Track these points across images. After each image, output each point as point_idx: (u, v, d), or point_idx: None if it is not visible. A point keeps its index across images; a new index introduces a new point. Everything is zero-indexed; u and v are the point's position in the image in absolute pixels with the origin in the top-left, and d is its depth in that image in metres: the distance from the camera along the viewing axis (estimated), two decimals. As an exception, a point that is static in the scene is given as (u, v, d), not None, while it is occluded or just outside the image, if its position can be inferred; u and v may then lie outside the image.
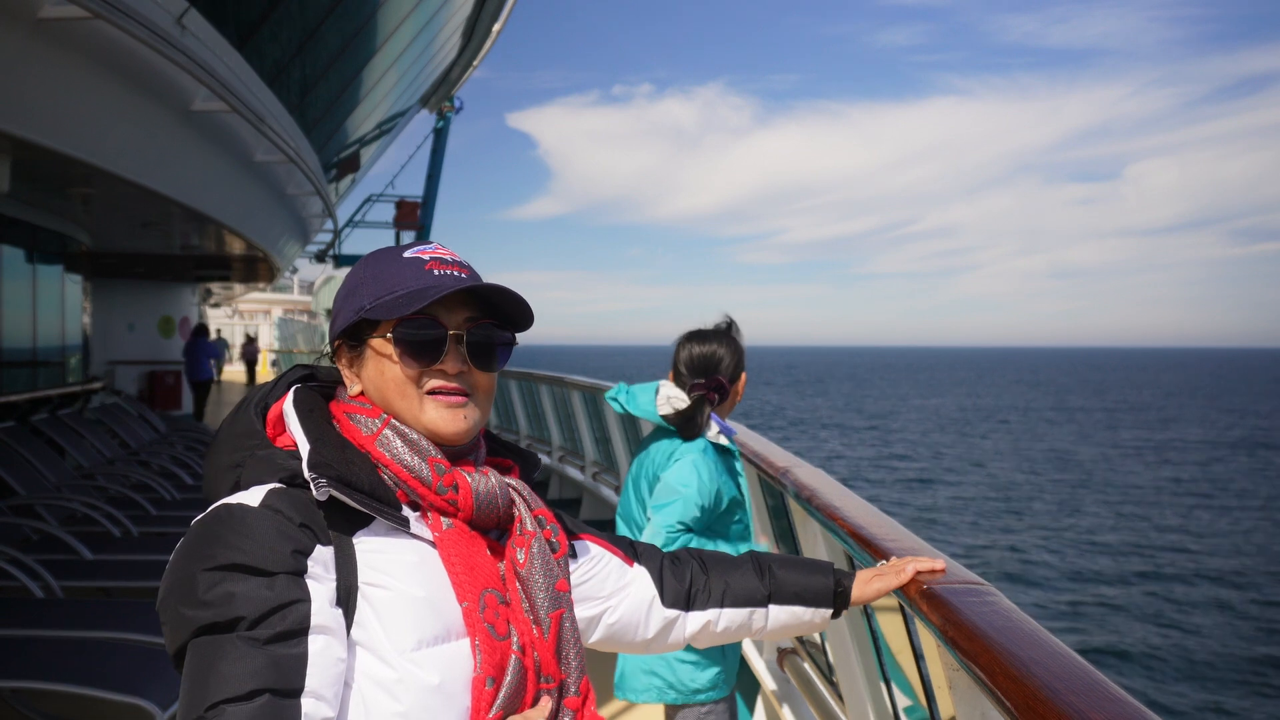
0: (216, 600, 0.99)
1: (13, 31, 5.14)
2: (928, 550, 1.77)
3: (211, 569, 1.01)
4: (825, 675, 3.46)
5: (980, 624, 1.32)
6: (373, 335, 1.20)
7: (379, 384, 1.20)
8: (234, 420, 1.19)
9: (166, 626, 1.03)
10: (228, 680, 0.96)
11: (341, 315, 1.22)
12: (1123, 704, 1.04)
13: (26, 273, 11.00)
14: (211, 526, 1.05)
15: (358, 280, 1.22)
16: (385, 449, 1.16)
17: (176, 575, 1.03)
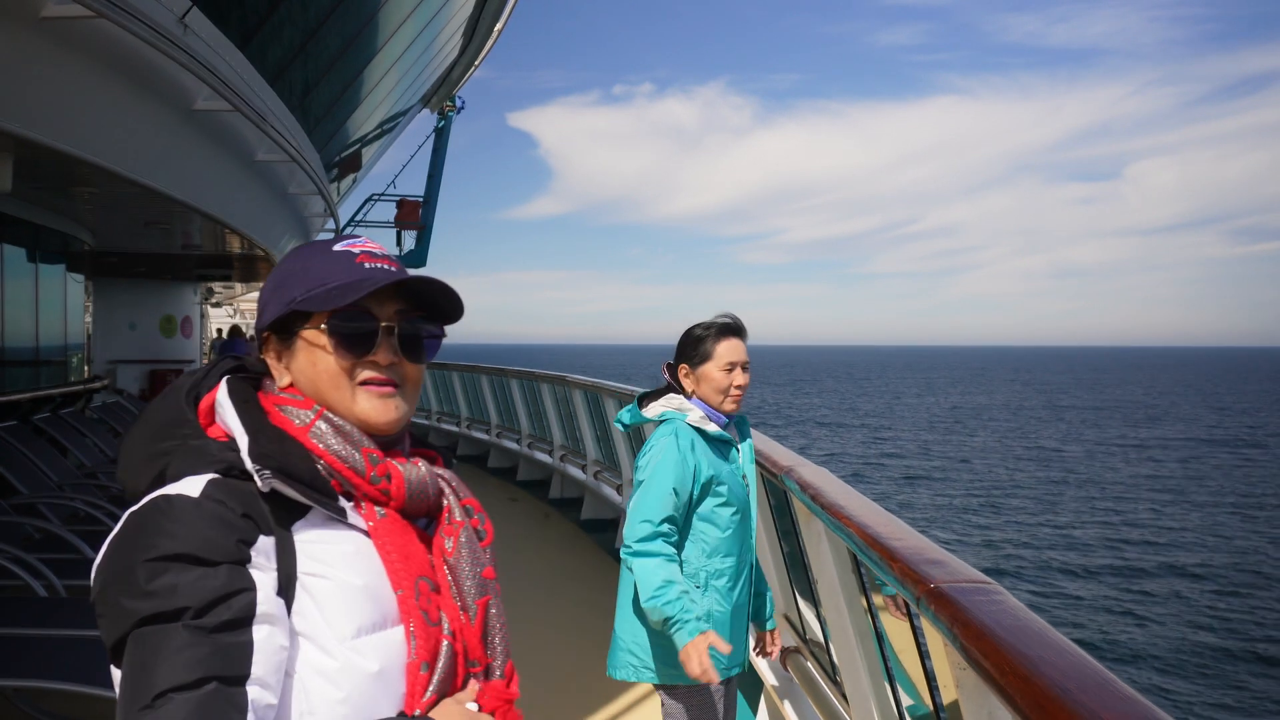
0: (160, 590, 0.99)
1: (15, 30, 5.14)
2: (933, 549, 1.77)
3: (153, 559, 1.01)
4: (829, 674, 3.46)
5: (989, 623, 1.32)
6: (305, 327, 1.20)
7: (311, 375, 1.20)
8: (162, 408, 1.17)
9: (104, 620, 1.02)
10: (174, 669, 0.96)
11: (270, 307, 1.22)
12: (1133, 703, 1.03)
13: (29, 272, 11.00)
14: (151, 517, 1.05)
15: (287, 273, 1.23)
16: (319, 440, 1.16)
17: (115, 566, 1.03)
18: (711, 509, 2.81)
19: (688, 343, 2.89)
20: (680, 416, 2.83)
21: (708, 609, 2.77)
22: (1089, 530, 23.42)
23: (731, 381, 2.83)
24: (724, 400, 2.84)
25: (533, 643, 5.59)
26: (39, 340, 11.28)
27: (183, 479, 1.09)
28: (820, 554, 2.96)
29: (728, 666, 2.83)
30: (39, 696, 4.20)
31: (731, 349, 2.85)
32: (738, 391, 2.85)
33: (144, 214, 10.32)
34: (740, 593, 2.86)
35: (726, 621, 2.81)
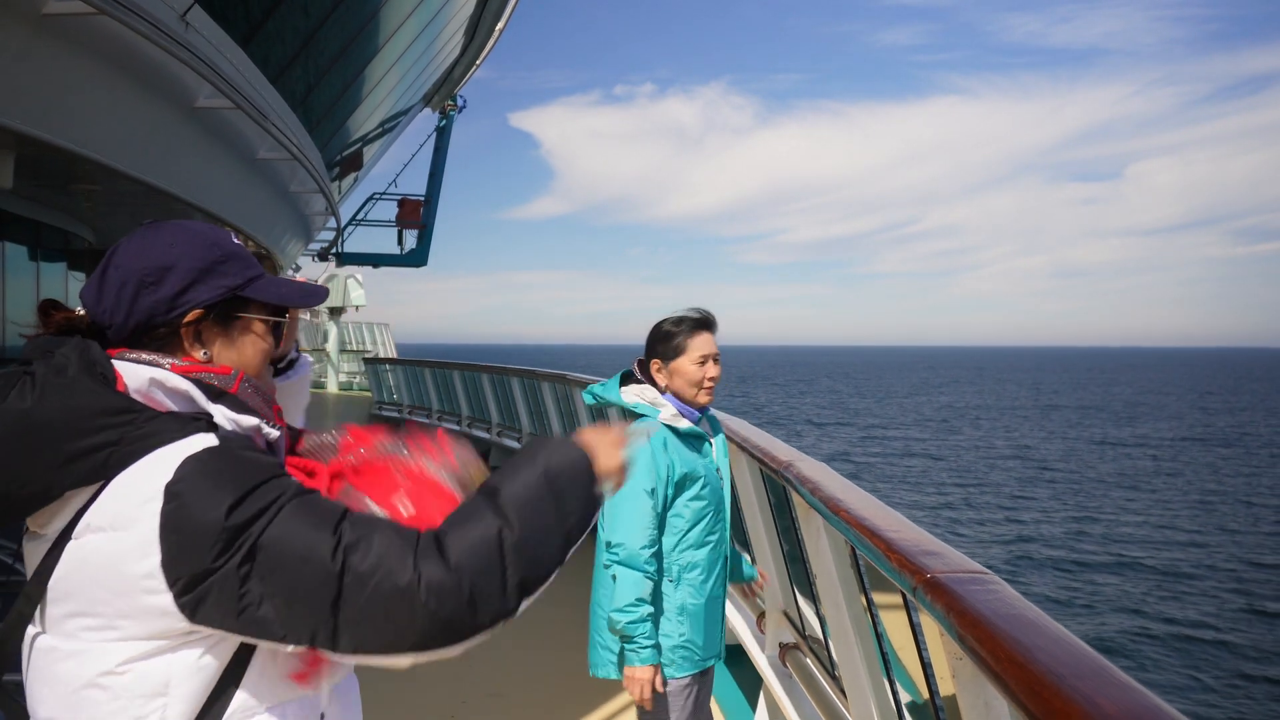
0: (276, 488, 1.14)
1: (17, 27, 5.15)
2: (930, 540, 1.78)
3: (259, 480, 1.13)
4: (827, 670, 3.47)
5: (985, 612, 1.32)
6: (248, 314, 1.33)
7: (248, 354, 1.34)
8: (65, 400, 1.12)
9: (225, 536, 1.09)
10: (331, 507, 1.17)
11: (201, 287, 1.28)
12: (1128, 689, 1.04)
13: (30, 270, 11.01)
14: (217, 461, 1.13)
15: (211, 256, 1.30)
16: (244, 397, 1.29)
17: (227, 496, 1.10)
18: (685, 503, 2.82)
19: (659, 337, 2.89)
20: (654, 413, 2.83)
21: (681, 602, 2.79)
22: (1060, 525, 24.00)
23: (705, 374, 2.83)
24: (698, 393, 2.84)
25: (525, 642, 5.59)
26: (40, 338, 11.31)
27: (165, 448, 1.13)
28: (819, 549, 2.96)
29: (704, 659, 2.84)
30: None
31: (703, 342, 2.85)
32: (710, 384, 2.85)
33: (145, 212, 10.33)
34: (715, 585, 2.87)
35: (701, 614, 2.82)
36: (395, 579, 1.10)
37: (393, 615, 1.11)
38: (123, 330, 1.26)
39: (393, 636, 1.12)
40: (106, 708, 1.14)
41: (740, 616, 4.82)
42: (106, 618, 1.12)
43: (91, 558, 1.11)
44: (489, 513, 1.18)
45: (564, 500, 1.22)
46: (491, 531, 1.16)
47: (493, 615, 1.16)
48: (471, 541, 1.15)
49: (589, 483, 1.27)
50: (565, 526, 1.22)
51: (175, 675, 1.15)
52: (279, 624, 1.10)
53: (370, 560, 1.11)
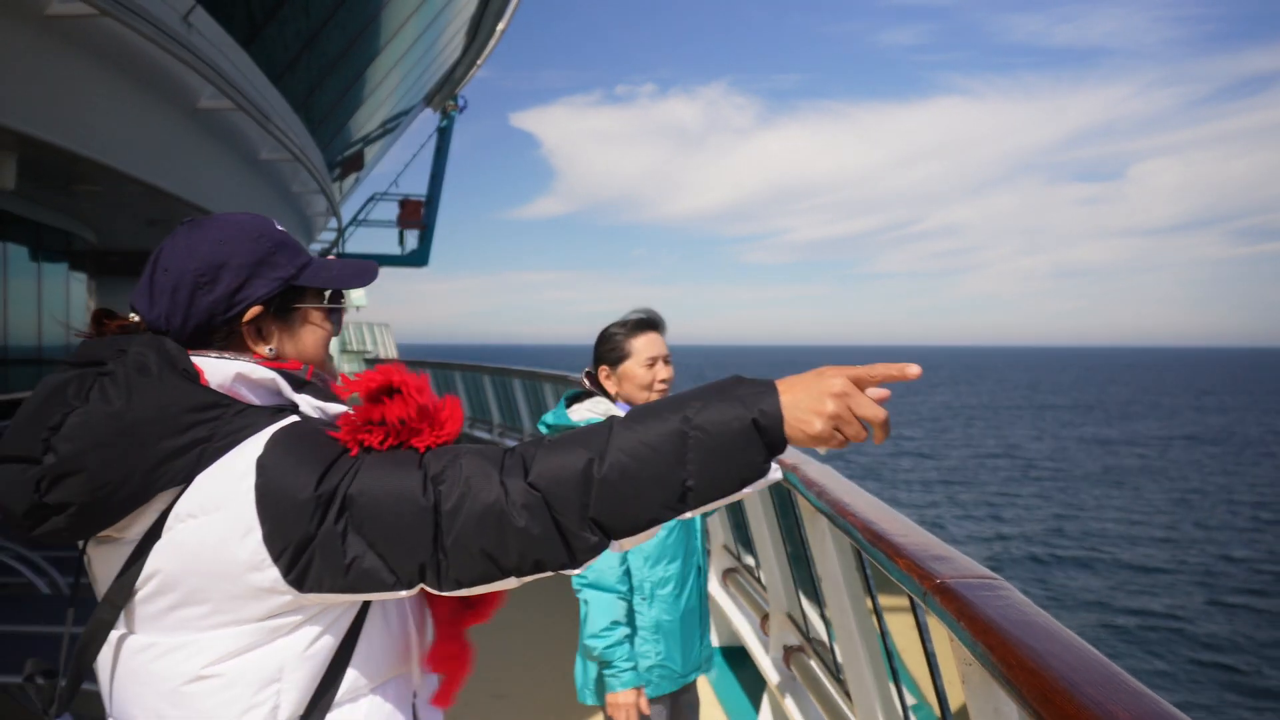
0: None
1: (21, 28, 5.15)
2: (939, 545, 1.77)
3: (343, 447, 1.14)
4: (832, 673, 3.46)
5: (996, 618, 1.32)
6: (305, 304, 1.31)
7: (311, 345, 1.32)
8: (158, 397, 1.10)
9: (320, 500, 1.09)
10: (409, 451, 1.15)
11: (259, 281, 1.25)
12: (1141, 696, 1.03)
13: (31, 271, 11.01)
14: (302, 433, 1.14)
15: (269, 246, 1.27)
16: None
17: (317, 463, 1.10)
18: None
19: (603, 343, 2.76)
20: None
21: (655, 619, 2.71)
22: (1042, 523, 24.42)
23: (655, 376, 2.70)
24: (649, 396, 2.72)
25: (531, 644, 5.58)
26: (41, 339, 11.29)
27: (255, 436, 1.13)
28: (824, 552, 2.96)
29: (682, 676, 2.77)
30: (42, 693, 4.21)
31: (650, 343, 2.72)
32: (663, 386, 2.72)
33: (147, 212, 10.34)
34: (689, 599, 2.79)
35: (676, 630, 2.75)
36: (484, 497, 1.08)
37: (487, 534, 1.08)
38: (181, 334, 1.22)
39: (492, 558, 1.09)
40: (215, 699, 1.12)
41: (744, 619, 4.81)
42: (213, 603, 1.10)
43: (190, 545, 1.09)
44: (595, 441, 1.11)
45: (689, 458, 1.09)
46: (580, 460, 1.09)
47: (576, 547, 1.10)
48: (556, 465, 1.10)
49: (739, 448, 1.09)
50: (679, 484, 1.09)
51: (288, 662, 1.14)
52: (387, 571, 1.10)
53: (460, 486, 1.09)
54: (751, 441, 1.09)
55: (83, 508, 1.08)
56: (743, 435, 1.08)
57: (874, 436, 1.11)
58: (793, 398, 1.10)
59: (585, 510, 1.09)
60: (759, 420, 1.08)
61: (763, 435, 1.09)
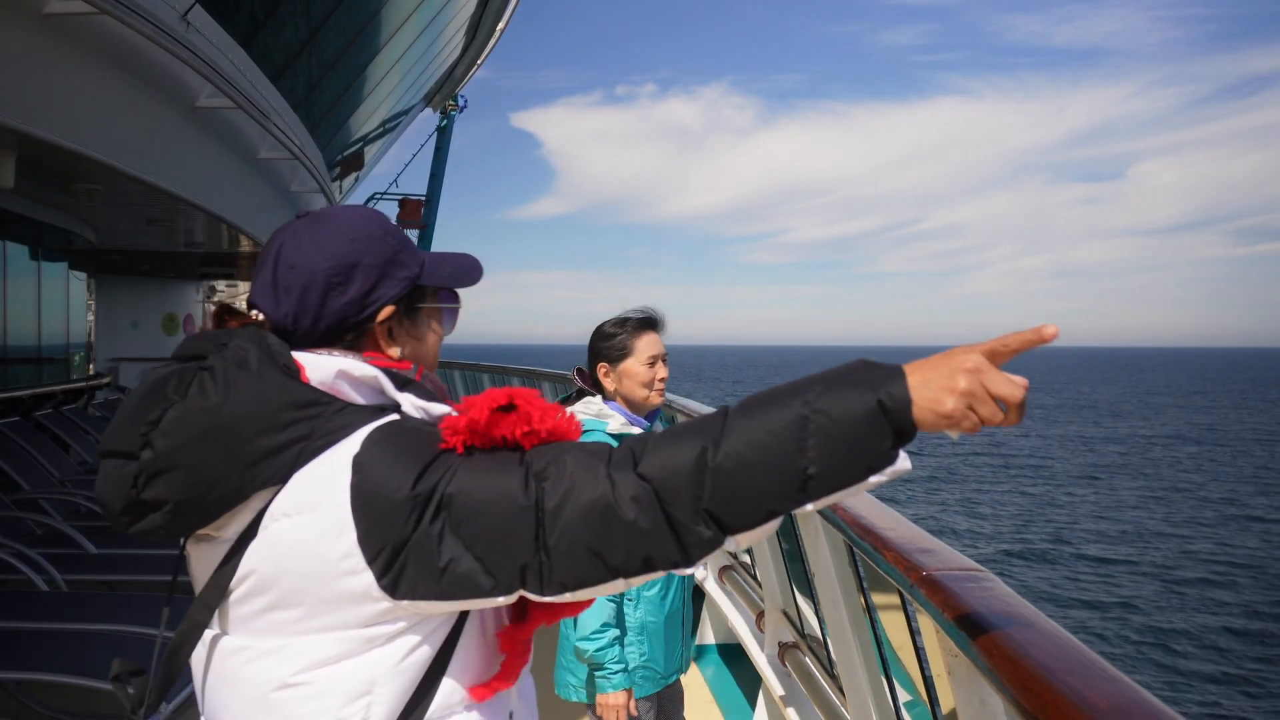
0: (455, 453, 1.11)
1: (18, 26, 5.16)
2: (926, 538, 1.79)
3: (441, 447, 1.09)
4: (826, 669, 3.48)
5: (979, 608, 1.33)
6: (425, 301, 1.29)
7: (430, 346, 1.32)
8: (258, 392, 1.07)
9: (417, 501, 1.04)
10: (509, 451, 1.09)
11: (390, 282, 1.23)
12: (1116, 682, 1.05)
13: (31, 269, 11.03)
14: (400, 431, 1.10)
15: (395, 245, 1.25)
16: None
17: (414, 462, 1.06)
18: None
19: (603, 340, 2.79)
20: (600, 426, 2.73)
21: (641, 621, 2.73)
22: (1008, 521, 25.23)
23: (655, 375, 2.74)
24: (649, 395, 2.75)
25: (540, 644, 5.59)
26: (41, 338, 11.31)
27: (354, 434, 1.08)
28: (818, 548, 2.97)
29: (665, 677, 2.79)
30: (39, 690, 4.22)
31: (651, 343, 2.76)
32: (661, 385, 2.77)
33: (146, 211, 10.35)
34: (673, 600, 2.81)
35: (660, 631, 2.77)
36: (589, 492, 1.02)
37: (593, 530, 1.02)
38: (312, 334, 1.20)
39: (600, 556, 1.03)
40: (302, 709, 1.09)
41: (740, 615, 4.83)
42: (307, 607, 1.07)
43: (284, 545, 1.06)
44: (709, 429, 1.04)
45: (809, 445, 1.00)
46: (693, 450, 1.02)
47: (688, 543, 1.03)
48: (666, 455, 1.03)
49: (864, 433, 1.00)
50: (799, 472, 1.01)
51: (380, 674, 1.10)
52: (485, 574, 1.04)
53: (564, 483, 1.03)
54: (878, 425, 1.00)
55: (179, 505, 1.06)
56: (868, 419, 1.00)
57: (1009, 417, 1.02)
58: (921, 377, 1.01)
59: (699, 502, 1.02)
60: (885, 402, 1.00)
61: (889, 419, 1.00)
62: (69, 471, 7.95)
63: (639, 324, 2.78)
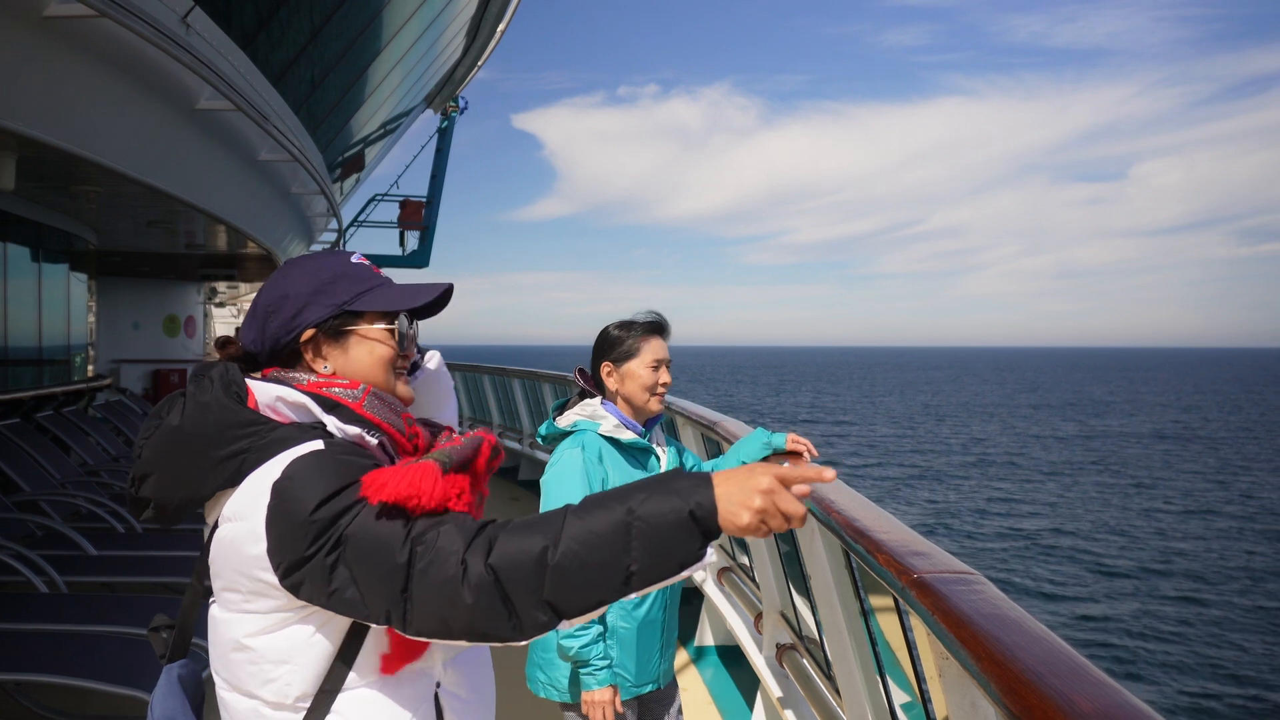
0: (350, 496, 1.30)
1: (18, 29, 5.17)
2: (919, 541, 1.79)
3: (347, 481, 1.29)
4: (823, 671, 3.48)
5: (969, 611, 1.34)
6: (360, 324, 1.48)
7: (368, 363, 1.49)
8: (209, 420, 1.34)
9: (315, 529, 1.25)
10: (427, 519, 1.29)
11: (313, 308, 1.47)
12: (1104, 687, 1.05)
13: (32, 271, 11.04)
14: (315, 463, 1.30)
15: (323, 279, 1.49)
16: (371, 409, 1.44)
17: (318, 493, 1.27)
18: None
19: (610, 340, 2.81)
20: (593, 426, 2.74)
21: (611, 625, 2.71)
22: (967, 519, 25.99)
23: (658, 379, 2.76)
24: (649, 399, 2.77)
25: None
26: (42, 339, 11.32)
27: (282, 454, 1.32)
28: (814, 550, 2.98)
29: (636, 685, 2.77)
30: (39, 691, 4.23)
31: (657, 347, 2.78)
32: (663, 389, 2.78)
33: (147, 213, 10.35)
34: (651, 609, 2.78)
35: (632, 638, 2.75)
36: (445, 570, 1.22)
37: (443, 602, 1.22)
38: (264, 355, 1.50)
39: (445, 621, 1.23)
40: (248, 669, 1.36)
41: (738, 617, 4.83)
42: (243, 591, 1.33)
43: (226, 542, 1.33)
44: (550, 528, 1.23)
45: (633, 546, 1.19)
46: (537, 547, 1.21)
47: (524, 624, 1.22)
48: (515, 549, 1.21)
49: (677, 537, 1.19)
50: (623, 569, 1.20)
51: (296, 647, 1.34)
52: (363, 605, 1.25)
53: (430, 554, 1.23)
54: (689, 531, 1.19)
55: (157, 502, 1.38)
56: (681, 526, 1.19)
57: (794, 524, 1.21)
58: (725, 490, 1.20)
59: (540, 593, 1.20)
60: (695, 511, 1.19)
61: (698, 524, 1.19)
62: (69, 473, 7.95)
63: (646, 328, 2.80)
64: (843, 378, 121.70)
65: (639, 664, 2.77)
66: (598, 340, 2.85)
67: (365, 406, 1.44)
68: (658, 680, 2.85)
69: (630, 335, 2.79)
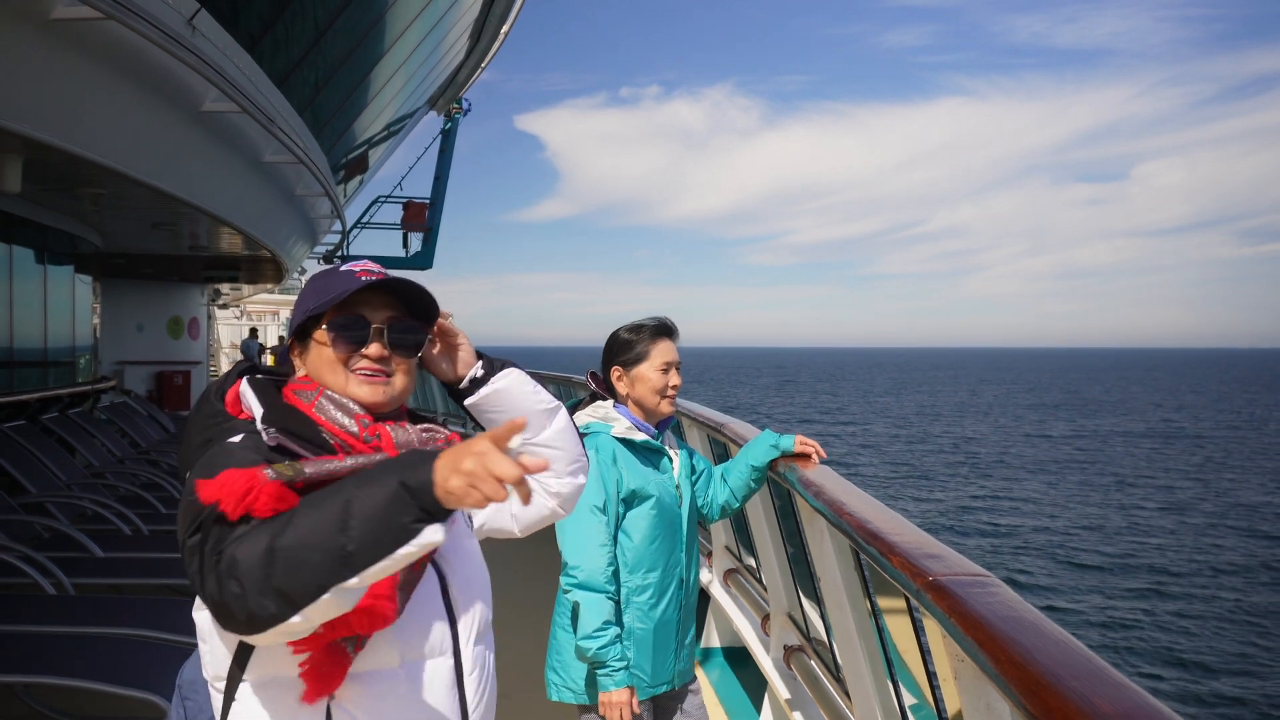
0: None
1: (25, 32, 5.18)
2: (932, 543, 1.79)
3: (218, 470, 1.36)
4: (832, 673, 3.48)
5: (986, 614, 1.34)
6: (315, 329, 1.56)
7: (317, 364, 1.56)
8: (201, 407, 1.55)
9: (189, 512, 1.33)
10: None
11: (294, 318, 1.60)
12: (1123, 688, 1.05)
13: (37, 273, 11.06)
14: (210, 457, 1.40)
15: (308, 292, 1.60)
16: (321, 412, 1.50)
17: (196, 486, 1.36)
18: (634, 522, 2.74)
19: (620, 344, 2.84)
20: (605, 428, 2.76)
21: (628, 625, 2.72)
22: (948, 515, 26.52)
23: (668, 382, 2.78)
24: (660, 401, 2.79)
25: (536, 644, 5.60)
26: (47, 341, 11.34)
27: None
28: (823, 552, 2.98)
29: (651, 686, 2.77)
30: (48, 693, 4.24)
31: (666, 350, 2.80)
32: (673, 392, 2.80)
33: (151, 215, 10.37)
34: (666, 610, 2.79)
35: (649, 639, 2.75)
36: (204, 563, 1.25)
37: (203, 593, 1.25)
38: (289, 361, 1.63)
39: (211, 610, 1.26)
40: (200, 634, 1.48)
41: (745, 619, 4.83)
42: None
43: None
44: (284, 519, 1.24)
45: (350, 526, 1.19)
46: (266, 537, 1.22)
47: (259, 612, 1.21)
48: (252, 539, 1.23)
49: (391, 510, 1.19)
50: (339, 549, 1.19)
51: (205, 628, 1.45)
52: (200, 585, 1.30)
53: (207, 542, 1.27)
54: (403, 503, 1.18)
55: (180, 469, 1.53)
56: (393, 501, 1.18)
57: (518, 495, 1.17)
58: (443, 460, 1.18)
59: (269, 580, 1.20)
60: (407, 482, 1.18)
61: (413, 497, 1.18)
62: (75, 475, 7.96)
63: (655, 330, 2.83)
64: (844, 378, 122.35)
65: (655, 664, 2.78)
66: (607, 344, 2.88)
67: (316, 409, 1.50)
68: (673, 680, 2.86)
69: (639, 339, 2.81)
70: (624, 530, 2.75)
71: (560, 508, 1.77)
